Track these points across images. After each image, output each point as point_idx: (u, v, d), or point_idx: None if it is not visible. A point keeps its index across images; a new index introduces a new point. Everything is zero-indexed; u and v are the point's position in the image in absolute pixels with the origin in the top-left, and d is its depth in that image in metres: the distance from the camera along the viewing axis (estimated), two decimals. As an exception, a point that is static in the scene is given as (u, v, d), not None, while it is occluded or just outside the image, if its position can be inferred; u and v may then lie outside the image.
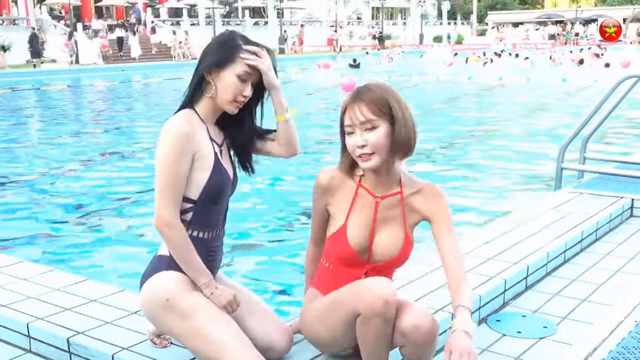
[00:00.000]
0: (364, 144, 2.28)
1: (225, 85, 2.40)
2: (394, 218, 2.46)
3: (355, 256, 2.45)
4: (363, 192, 2.44)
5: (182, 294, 2.41)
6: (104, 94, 22.38)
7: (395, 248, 2.46)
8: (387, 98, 2.31)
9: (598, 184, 5.71)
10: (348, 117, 2.31)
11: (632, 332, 3.14)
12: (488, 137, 12.19)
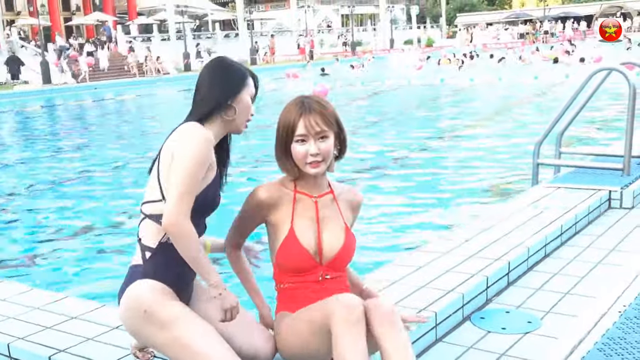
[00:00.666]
0: (317, 152, 2.46)
1: (244, 107, 2.53)
2: (333, 215, 2.61)
3: (309, 258, 2.53)
4: (301, 197, 2.59)
5: (159, 304, 2.36)
6: (78, 112, 22.14)
7: (340, 241, 2.58)
8: (334, 112, 2.54)
9: (575, 178, 5.73)
10: (303, 126, 2.46)
11: (617, 323, 3.13)
12: (463, 138, 12.24)
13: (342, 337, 2.21)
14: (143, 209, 2.48)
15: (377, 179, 8.94)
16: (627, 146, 5.61)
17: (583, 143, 10.09)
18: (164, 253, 2.43)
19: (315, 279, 2.56)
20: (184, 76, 33.61)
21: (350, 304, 2.25)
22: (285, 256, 2.55)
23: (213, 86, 2.51)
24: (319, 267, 2.56)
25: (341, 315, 2.22)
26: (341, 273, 2.63)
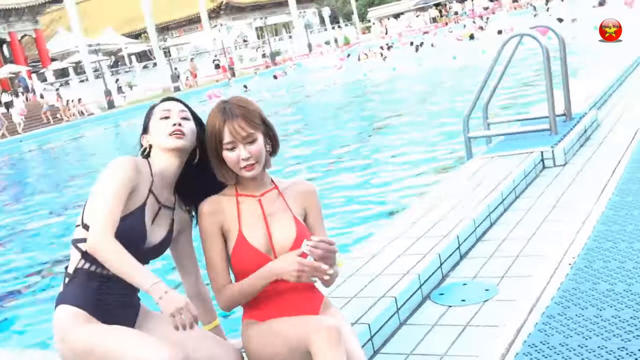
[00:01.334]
0: (249, 156, 2.43)
1: (154, 132, 2.51)
2: (280, 209, 2.56)
3: (263, 257, 2.46)
4: (244, 199, 2.55)
5: (71, 332, 2.28)
6: (9, 169, 21.41)
7: (291, 233, 2.52)
8: (258, 111, 2.50)
9: (506, 145, 5.87)
10: (228, 133, 2.43)
11: (569, 275, 3.22)
12: (394, 127, 12.40)
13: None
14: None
15: (316, 180, 8.97)
16: (550, 107, 5.78)
17: (509, 111, 10.36)
18: (79, 278, 2.37)
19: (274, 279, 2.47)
20: (109, 114, 33.07)
21: (330, 327, 2.20)
22: (239, 260, 2.48)
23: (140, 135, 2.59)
24: None
25: (320, 340, 2.17)
26: None
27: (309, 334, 2.21)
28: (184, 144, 2.48)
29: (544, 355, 2.55)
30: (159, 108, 2.55)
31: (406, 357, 2.81)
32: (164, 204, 2.50)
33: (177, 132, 2.47)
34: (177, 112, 2.52)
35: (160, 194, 2.49)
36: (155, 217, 2.47)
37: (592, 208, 4.08)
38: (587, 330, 2.67)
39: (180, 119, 2.51)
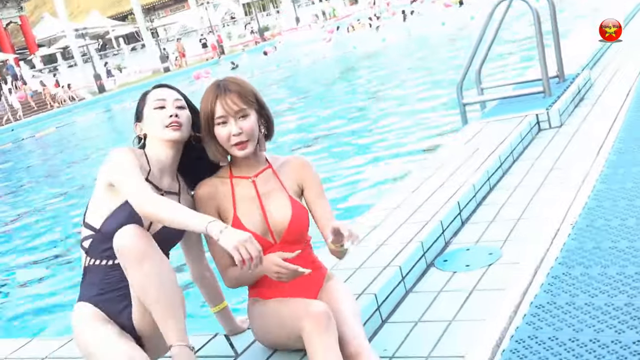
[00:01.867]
0: (240, 131, 2.42)
1: (149, 122, 2.46)
2: (275, 189, 2.56)
3: (260, 239, 2.42)
4: (238, 180, 2.55)
5: (81, 332, 2.33)
6: (4, 157, 21.31)
7: (287, 212, 2.52)
8: (252, 89, 2.50)
9: (501, 110, 5.85)
10: (221, 108, 2.42)
11: (572, 235, 3.23)
12: (389, 98, 12.36)
13: (312, 346, 2.19)
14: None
15: (311, 154, 8.96)
16: (542, 69, 5.76)
17: (502, 75, 10.32)
18: (88, 275, 2.41)
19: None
20: (100, 98, 32.86)
21: (318, 314, 2.21)
22: None
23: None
24: (275, 245, 2.50)
25: (310, 326, 2.20)
26: (301, 247, 2.52)
27: (300, 320, 2.24)
28: (181, 135, 2.46)
29: (551, 315, 2.56)
30: (153, 96, 2.49)
31: (414, 324, 2.83)
32: (166, 190, 2.47)
33: (174, 123, 2.44)
34: (173, 102, 2.47)
35: (160, 182, 2.47)
36: None
37: (590, 167, 4.09)
38: (593, 288, 2.68)
39: (175, 109, 2.47)
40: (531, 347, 2.39)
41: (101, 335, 2.28)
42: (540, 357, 2.31)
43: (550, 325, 2.50)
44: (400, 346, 2.67)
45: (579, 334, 2.39)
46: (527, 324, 2.55)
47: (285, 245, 2.50)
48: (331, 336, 2.19)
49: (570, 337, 2.39)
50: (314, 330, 2.19)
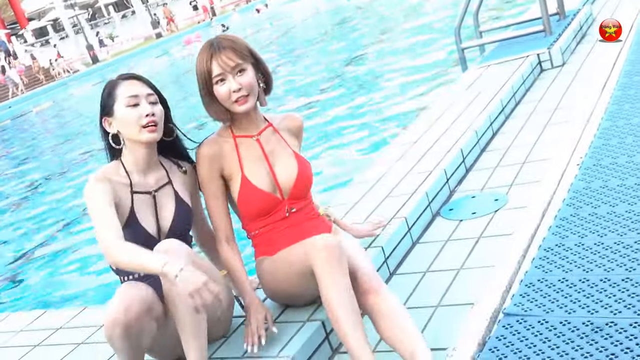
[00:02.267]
0: (239, 87, 2.39)
1: (123, 121, 2.34)
2: (279, 146, 2.56)
3: (270, 197, 2.48)
4: (242, 140, 2.53)
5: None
6: (3, 134, 21.24)
7: (294, 169, 2.54)
8: (245, 44, 2.47)
9: (501, 52, 5.73)
10: (217, 66, 2.39)
11: (579, 175, 3.17)
12: (386, 49, 12.18)
13: (324, 277, 2.16)
14: None
15: (310, 111, 8.88)
16: (542, 6, 5.62)
17: (500, 17, 10.15)
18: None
19: (282, 216, 2.51)
20: (94, 69, 32.59)
21: (328, 244, 2.20)
22: (246, 204, 2.49)
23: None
24: (283, 202, 2.51)
25: (321, 257, 2.17)
26: (306, 202, 2.58)
27: (310, 254, 2.22)
28: (158, 135, 2.38)
29: (561, 257, 2.53)
30: (124, 92, 2.34)
31: (423, 275, 2.80)
32: (156, 187, 2.44)
33: (150, 123, 2.32)
34: (145, 97, 2.34)
35: (145, 184, 2.42)
36: (156, 205, 2.43)
37: (595, 105, 4.01)
38: (602, 228, 2.64)
39: (150, 105, 2.34)
40: (541, 290, 2.36)
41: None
42: (551, 300, 2.29)
43: (559, 267, 2.47)
44: (410, 297, 2.64)
45: (589, 274, 2.36)
46: (536, 267, 2.52)
47: (292, 201, 2.52)
48: (343, 268, 2.18)
49: (581, 277, 2.36)
50: (325, 262, 2.17)
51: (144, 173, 2.43)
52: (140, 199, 2.40)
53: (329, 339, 2.43)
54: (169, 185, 2.47)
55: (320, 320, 2.40)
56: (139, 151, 2.39)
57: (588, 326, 2.08)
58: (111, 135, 2.38)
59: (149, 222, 2.40)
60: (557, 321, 2.16)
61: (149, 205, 2.41)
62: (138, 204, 2.39)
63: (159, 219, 2.42)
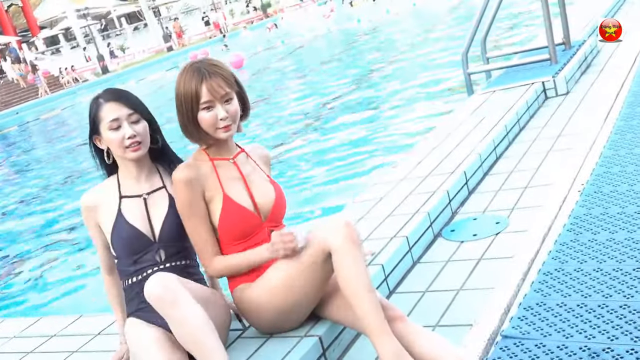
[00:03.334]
0: (226, 116, 2.42)
1: (109, 143, 2.46)
2: (253, 170, 2.60)
3: (252, 216, 2.47)
4: (219, 162, 2.54)
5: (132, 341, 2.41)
6: (8, 140, 21.34)
7: (271, 193, 2.56)
8: (231, 72, 2.49)
9: (507, 78, 5.79)
10: (207, 92, 2.39)
11: (580, 202, 3.20)
12: (393, 70, 12.26)
13: (345, 255, 2.17)
14: None
15: (320, 126, 8.95)
16: (548, 36, 5.68)
17: (507, 43, 10.22)
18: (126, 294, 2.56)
19: (263, 238, 2.47)
20: (103, 79, 32.76)
21: (349, 222, 2.22)
22: (229, 222, 2.45)
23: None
24: (263, 224, 2.50)
25: (344, 235, 2.18)
26: (282, 227, 2.56)
27: (326, 238, 2.20)
28: (143, 152, 2.48)
29: (560, 281, 2.55)
30: (106, 116, 2.43)
31: (422, 294, 2.82)
32: (149, 191, 2.52)
33: (133, 144, 2.43)
34: (126, 118, 2.43)
35: (139, 189, 2.52)
36: (147, 207, 2.50)
37: (597, 134, 4.04)
38: (601, 254, 2.66)
39: (131, 125, 2.43)
40: (539, 313, 2.38)
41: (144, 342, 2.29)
42: (549, 323, 2.30)
43: (558, 291, 2.49)
44: (408, 316, 2.63)
45: (587, 300, 2.38)
46: (535, 291, 2.54)
47: (270, 224, 2.52)
48: (361, 249, 2.21)
49: (579, 302, 2.38)
50: (348, 238, 2.17)
51: (137, 180, 2.53)
52: (129, 202, 2.49)
53: (325, 355, 2.43)
54: (162, 190, 2.54)
55: (318, 336, 2.41)
56: (130, 165, 2.51)
57: (585, 351, 2.10)
58: (105, 152, 2.51)
59: (140, 224, 2.47)
60: (554, 345, 2.18)
61: (139, 208, 2.49)
62: (126, 207, 2.48)
63: (150, 220, 2.48)
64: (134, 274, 2.47)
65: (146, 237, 2.46)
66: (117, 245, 2.48)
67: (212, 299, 2.43)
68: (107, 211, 2.50)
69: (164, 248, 2.48)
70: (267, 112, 11.42)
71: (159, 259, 2.47)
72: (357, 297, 2.15)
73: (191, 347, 2.14)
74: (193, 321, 2.11)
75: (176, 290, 2.13)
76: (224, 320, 2.48)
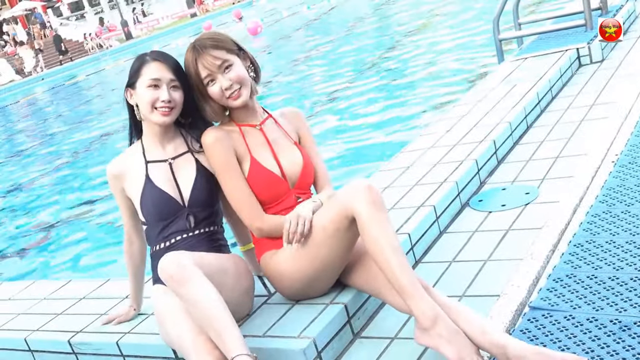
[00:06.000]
0: (230, 83, 2.41)
1: (140, 99, 2.44)
2: (280, 137, 2.57)
3: (279, 180, 2.48)
4: (246, 129, 2.54)
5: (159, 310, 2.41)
6: (38, 105, 21.53)
7: (298, 159, 2.55)
8: (229, 39, 2.47)
9: (540, 45, 5.64)
10: (203, 68, 2.40)
11: (613, 173, 3.12)
12: (423, 36, 12.06)
13: (370, 217, 2.13)
14: None
15: (348, 92, 8.86)
16: (584, 0, 5.51)
17: (540, 9, 9.98)
18: (153, 261, 2.54)
19: (292, 203, 2.48)
20: (127, 45, 32.82)
21: (372, 185, 2.19)
22: (257, 185, 2.45)
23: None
24: (290, 191, 2.50)
25: (366, 198, 2.15)
26: (309, 196, 2.57)
27: (353, 196, 2.18)
28: (170, 119, 2.46)
29: (591, 254, 2.49)
30: (149, 73, 2.43)
31: (449, 264, 2.78)
32: (174, 156, 2.52)
33: (164, 108, 2.43)
34: (167, 82, 2.43)
35: (164, 153, 2.52)
36: (173, 172, 2.50)
37: (633, 103, 3.93)
38: (634, 226, 2.60)
39: (170, 90, 2.43)
40: (569, 285, 2.33)
41: (170, 309, 2.28)
42: (578, 296, 2.26)
43: (589, 263, 2.44)
44: (434, 286, 2.61)
45: (619, 272, 2.33)
46: (565, 262, 2.48)
47: (298, 192, 2.52)
48: (386, 210, 2.19)
49: (610, 275, 2.33)
50: (371, 202, 2.14)
51: (162, 144, 2.53)
52: (155, 167, 2.50)
53: (350, 323, 2.42)
54: (188, 154, 2.54)
55: (343, 304, 2.40)
56: (154, 127, 2.50)
57: (616, 324, 2.05)
58: (128, 104, 2.51)
59: (169, 188, 2.47)
60: (584, 317, 2.14)
61: (166, 172, 2.49)
62: (153, 171, 2.49)
63: (178, 184, 2.48)
64: (163, 240, 2.48)
65: (176, 202, 2.46)
66: (146, 210, 2.48)
67: (231, 267, 2.43)
68: (135, 177, 2.50)
69: (193, 214, 2.48)
70: (290, 84, 11.34)
71: (188, 225, 2.47)
72: (385, 260, 2.11)
73: (203, 325, 2.12)
74: (204, 300, 2.08)
75: (188, 270, 2.11)
76: (246, 285, 2.48)
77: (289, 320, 2.39)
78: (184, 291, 2.09)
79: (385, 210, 2.18)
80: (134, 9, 40.32)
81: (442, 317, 2.04)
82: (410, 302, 2.08)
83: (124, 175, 2.52)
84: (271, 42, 18.54)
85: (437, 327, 2.03)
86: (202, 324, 2.11)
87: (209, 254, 2.38)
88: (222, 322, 2.07)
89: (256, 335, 2.36)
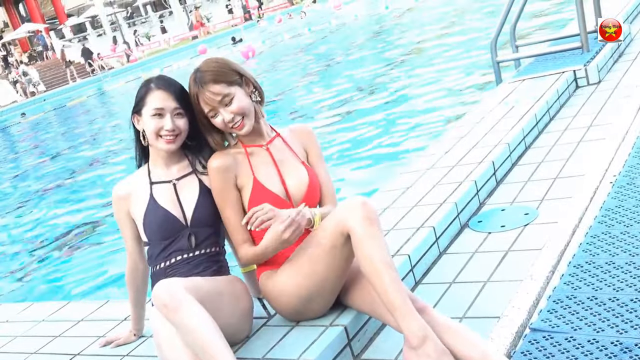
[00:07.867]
0: (232, 116, 2.43)
1: (146, 126, 2.48)
2: (288, 156, 2.58)
3: (281, 201, 2.47)
4: (252, 149, 2.56)
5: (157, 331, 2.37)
6: (38, 127, 21.58)
7: (305, 179, 2.54)
8: (229, 67, 2.47)
9: (537, 67, 5.68)
10: (204, 104, 2.43)
11: (612, 194, 3.13)
12: (420, 58, 12.15)
13: (364, 234, 2.14)
14: None
15: (348, 114, 8.89)
16: (580, 23, 5.56)
17: (537, 31, 10.06)
18: (153, 280, 2.55)
19: None
20: (129, 67, 33.00)
21: (366, 201, 2.20)
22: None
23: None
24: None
25: (360, 214, 2.15)
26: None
27: (346, 219, 2.18)
28: (175, 147, 2.50)
29: (591, 275, 2.49)
30: (152, 103, 2.46)
31: (449, 285, 2.78)
32: (178, 177, 2.55)
33: (168, 136, 2.46)
34: (171, 111, 2.46)
35: (168, 174, 2.55)
36: (177, 192, 2.52)
37: (630, 124, 3.95)
38: (634, 247, 2.60)
39: (174, 118, 2.46)
40: (569, 306, 2.33)
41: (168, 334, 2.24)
42: (579, 317, 2.25)
43: (589, 284, 2.44)
44: (435, 307, 2.60)
45: (619, 294, 2.33)
46: (565, 284, 2.49)
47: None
48: (380, 226, 2.19)
49: (610, 296, 2.32)
50: (365, 218, 2.15)
51: (167, 166, 2.57)
52: (159, 187, 2.53)
53: (350, 345, 2.42)
54: (192, 175, 2.57)
55: (343, 326, 2.39)
56: (160, 151, 2.54)
57: (617, 346, 2.05)
58: (141, 133, 2.53)
59: (172, 207, 2.49)
60: (584, 339, 2.13)
61: (170, 192, 2.52)
62: (157, 192, 2.52)
63: (181, 204, 2.50)
64: (164, 259, 2.49)
65: (178, 221, 2.48)
66: (149, 229, 2.50)
67: (228, 289, 2.43)
68: (139, 198, 2.53)
69: (195, 233, 2.49)
70: (290, 103, 11.38)
71: (190, 245, 2.48)
72: (377, 275, 2.11)
73: (197, 351, 2.10)
74: (196, 327, 2.07)
75: (181, 298, 2.10)
76: (244, 307, 2.47)
77: (288, 342, 2.38)
78: (178, 318, 2.09)
79: (379, 226, 2.18)
80: (135, 31, 40.54)
81: (431, 337, 2.03)
82: (400, 319, 2.07)
83: (130, 197, 2.55)
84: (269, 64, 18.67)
85: (425, 347, 2.02)
86: (196, 350, 2.10)
87: (203, 278, 2.38)
88: (215, 348, 2.06)
89: (255, 357, 2.36)
